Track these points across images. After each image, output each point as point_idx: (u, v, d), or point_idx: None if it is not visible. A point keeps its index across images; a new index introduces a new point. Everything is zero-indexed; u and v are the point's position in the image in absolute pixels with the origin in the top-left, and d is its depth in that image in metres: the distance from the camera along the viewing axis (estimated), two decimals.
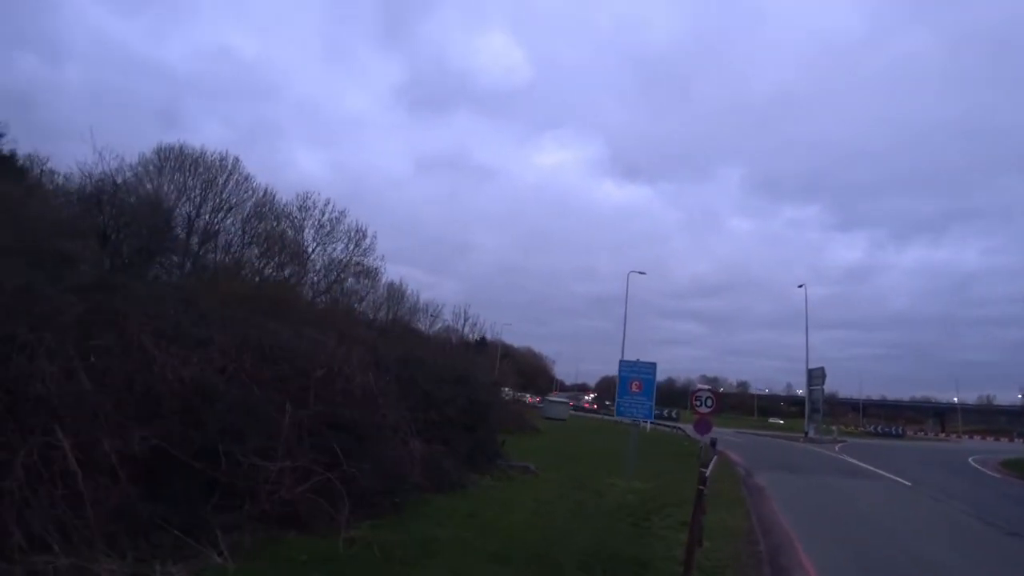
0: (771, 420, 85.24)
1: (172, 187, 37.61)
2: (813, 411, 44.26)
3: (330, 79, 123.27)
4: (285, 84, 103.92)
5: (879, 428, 67.79)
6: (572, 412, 52.15)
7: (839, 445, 39.86)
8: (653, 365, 12.29)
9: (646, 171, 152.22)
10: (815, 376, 44.54)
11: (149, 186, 34.27)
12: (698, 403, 18.86)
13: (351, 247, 40.83)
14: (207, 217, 38.35)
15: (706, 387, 20.37)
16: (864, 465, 21.53)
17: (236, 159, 37.34)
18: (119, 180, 28.15)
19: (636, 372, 12.12)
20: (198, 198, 37.83)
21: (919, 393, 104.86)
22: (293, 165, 77.85)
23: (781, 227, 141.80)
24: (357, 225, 40.59)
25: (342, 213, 40.24)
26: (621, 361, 12.56)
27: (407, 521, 6.50)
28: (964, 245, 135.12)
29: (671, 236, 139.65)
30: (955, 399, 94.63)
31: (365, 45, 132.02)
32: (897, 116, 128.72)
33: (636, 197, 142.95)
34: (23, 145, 26.37)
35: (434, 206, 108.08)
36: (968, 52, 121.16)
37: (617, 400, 12.45)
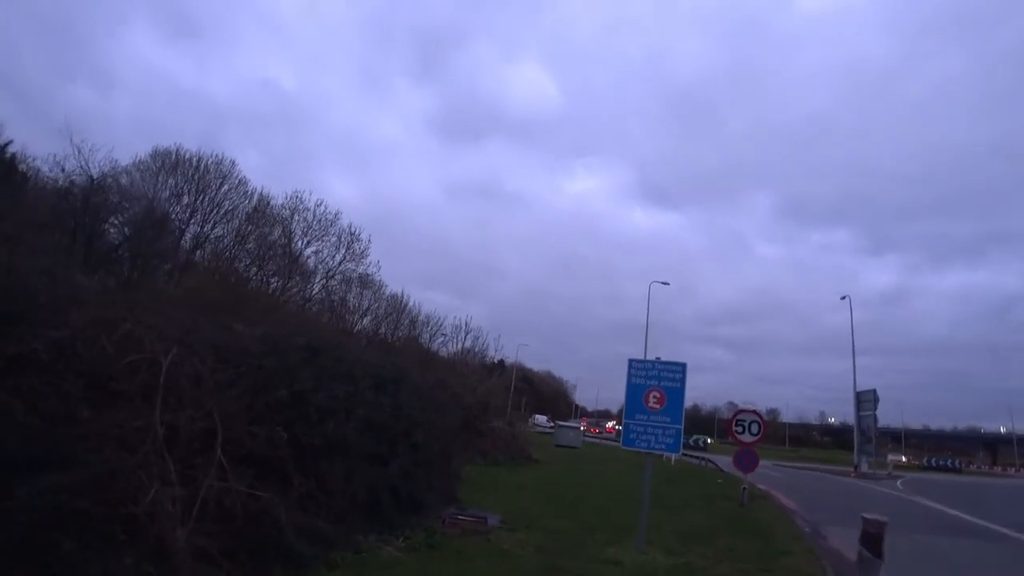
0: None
1: (165, 190, 34.95)
2: (864, 441, 38.68)
3: (365, 108, 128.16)
4: (322, 113, 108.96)
5: (934, 461, 61.15)
6: (590, 439, 47.27)
7: (899, 481, 34.46)
8: (682, 367, 7.85)
9: (674, 197, 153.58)
10: (864, 400, 39.01)
11: (145, 187, 32.33)
12: (739, 429, 14.32)
13: (343, 251, 37.38)
14: (199, 221, 35.57)
15: (750, 408, 15.60)
16: (955, 512, 16.55)
17: (232, 162, 34.77)
18: (95, 174, 25.74)
19: (654, 377, 7.70)
20: (190, 201, 35.15)
21: (960, 423, 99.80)
22: (327, 191, 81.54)
23: (811, 252, 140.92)
24: (350, 228, 37.19)
25: (336, 215, 36.88)
26: (631, 361, 8.13)
27: None
28: (1004, 268, 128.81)
29: (699, 261, 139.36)
30: (1002, 429, 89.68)
31: (400, 76, 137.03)
32: (932, 140, 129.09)
33: (664, 223, 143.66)
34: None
35: (464, 232, 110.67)
36: (1003, 73, 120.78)
37: (624, 421, 7.95)
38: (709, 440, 54.65)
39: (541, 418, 43.59)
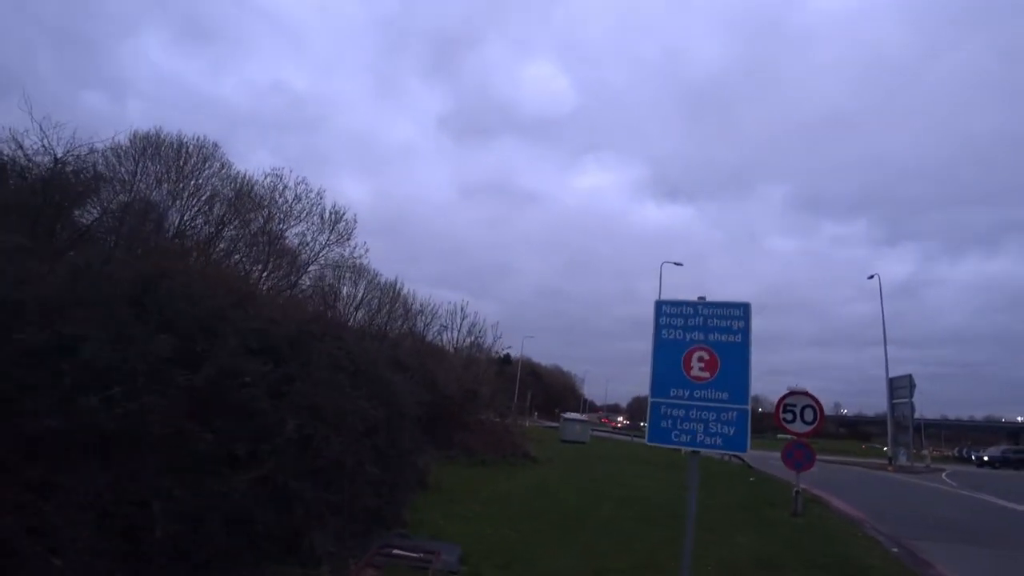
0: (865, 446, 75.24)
1: (142, 175, 32.28)
2: (899, 431, 35.31)
3: (378, 110, 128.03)
4: (334, 115, 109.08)
5: (965, 452, 57.57)
6: (597, 432, 44.16)
7: (944, 474, 31.17)
8: (743, 309, 4.68)
9: (687, 191, 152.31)
10: (899, 387, 35.59)
11: (123, 172, 30.16)
12: (788, 417, 11.17)
13: (327, 232, 34.39)
14: (179, 207, 32.84)
15: (801, 390, 12.35)
16: None
17: (215, 144, 32.16)
18: (59, 154, 23.08)
19: (698, 327, 4.50)
20: (171, 187, 32.50)
21: (978, 412, 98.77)
22: (340, 193, 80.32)
23: (826, 244, 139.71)
24: (334, 207, 34.23)
25: (318, 193, 33.90)
26: (659, 304, 4.93)
27: None
28: (1020, 258, 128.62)
29: (712, 255, 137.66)
30: (1018, 418, 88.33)
31: (413, 77, 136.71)
32: (950, 130, 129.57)
33: (677, 217, 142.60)
34: None
35: (477, 230, 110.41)
36: (1020, 66, 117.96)
37: (651, 401, 4.79)
38: None
39: (573, 415, 35.97)
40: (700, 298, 5.01)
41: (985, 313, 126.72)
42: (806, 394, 11.19)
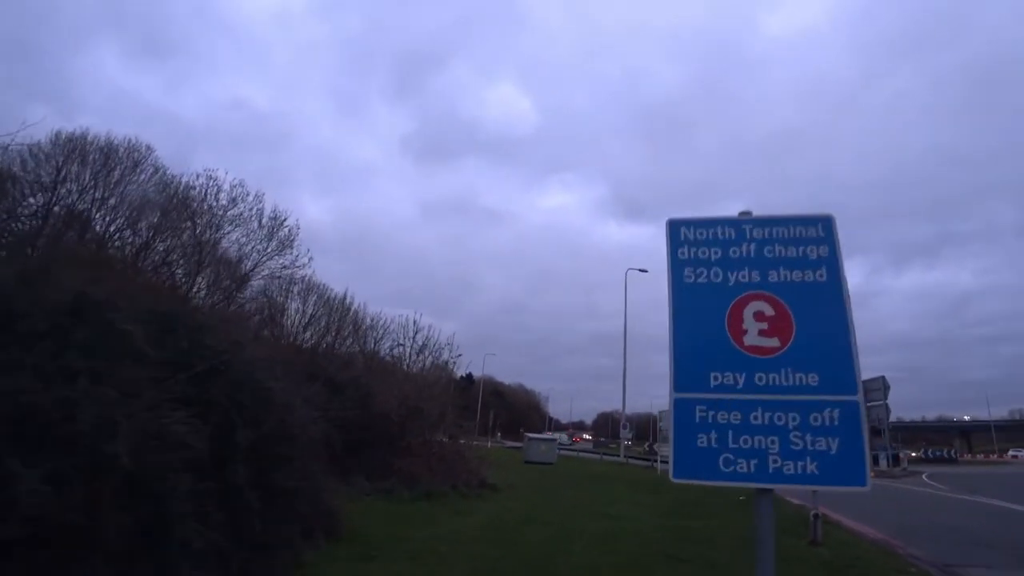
0: None
1: (69, 180, 28.78)
2: (875, 434, 34.25)
3: (341, 129, 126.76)
4: (296, 133, 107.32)
5: (931, 452, 57.82)
6: (566, 451, 41.92)
7: (924, 475, 30.14)
8: (825, 224, 2.63)
9: (649, 211, 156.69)
10: (872, 389, 34.52)
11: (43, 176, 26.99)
12: None
13: (265, 239, 31.39)
14: (106, 216, 29.41)
15: None
16: None
17: (148, 147, 29.03)
18: None
19: (753, 261, 2.50)
20: (96, 194, 29.12)
21: (929, 414, 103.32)
22: (302, 212, 77.72)
23: None
24: (274, 212, 31.35)
25: (256, 197, 30.98)
26: (673, 225, 2.86)
27: None
28: (959, 266, 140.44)
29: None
30: (966, 417, 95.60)
31: (377, 97, 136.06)
32: (891, 150, 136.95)
33: (638, 236, 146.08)
34: None
35: (440, 250, 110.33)
36: (954, 88, 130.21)
37: (673, 402, 2.67)
38: None
39: (537, 435, 30.99)
40: (744, 212, 2.84)
41: (928, 319, 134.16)
42: None
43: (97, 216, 28.19)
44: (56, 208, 28.18)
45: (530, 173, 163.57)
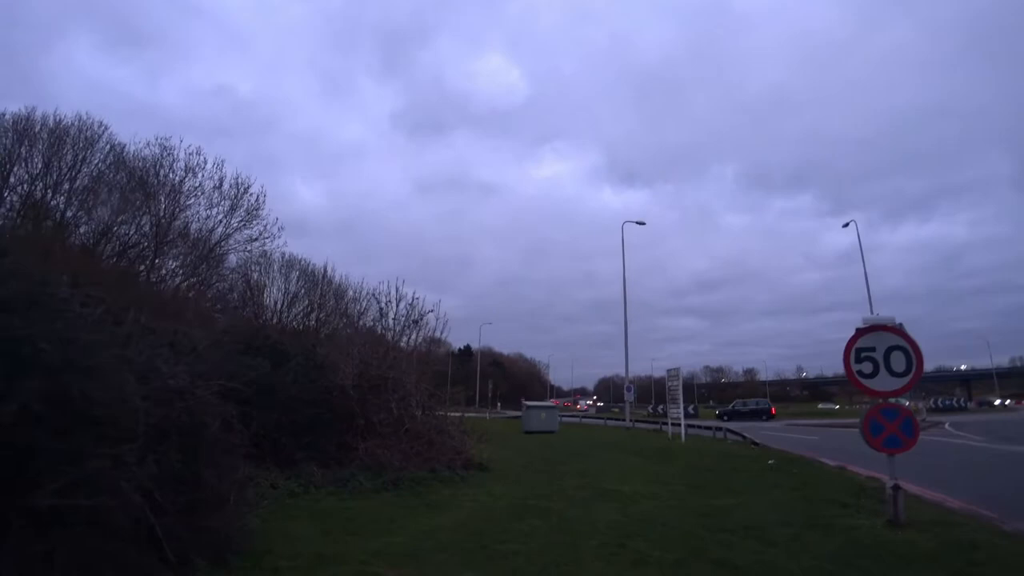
0: (821, 406, 75.35)
1: (15, 162, 26.19)
2: None
3: (328, 110, 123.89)
4: (283, 118, 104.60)
5: (940, 402, 56.65)
6: (568, 417, 40.17)
7: (947, 425, 28.53)
8: None
9: (643, 175, 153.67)
10: None
11: None
12: (865, 369, 6.96)
13: (227, 206, 28.89)
14: (62, 201, 26.91)
15: (883, 322, 7.96)
16: None
17: (103, 125, 26.38)
18: None
19: None
20: (48, 179, 26.58)
21: (928, 365, 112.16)
22: (293, 196, 77.01)
23: (775, 218, 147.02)
24: (237, 180, 28.78)
25: (216, 164, 28.39)
26: None
27: None
28: (952, 220, 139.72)
29: (669, 235, 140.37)
30: (963, 367, 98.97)
31: (363, 75, 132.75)
32: (883, 104, 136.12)
33: (634, 201, 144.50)
34: None
35: (436, 226, 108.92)
36: (947, 39, 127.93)
37: None
38: (696, 407, 48.71)
39: (536, 402, 28.73)
40: None
41: (921, 273, 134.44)
42: (895, 330, 7.01)
43: (45, 197, 25.81)
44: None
45: (523, 143, 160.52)
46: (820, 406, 76.99)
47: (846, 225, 37.89)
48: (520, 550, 5.26)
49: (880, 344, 6.91)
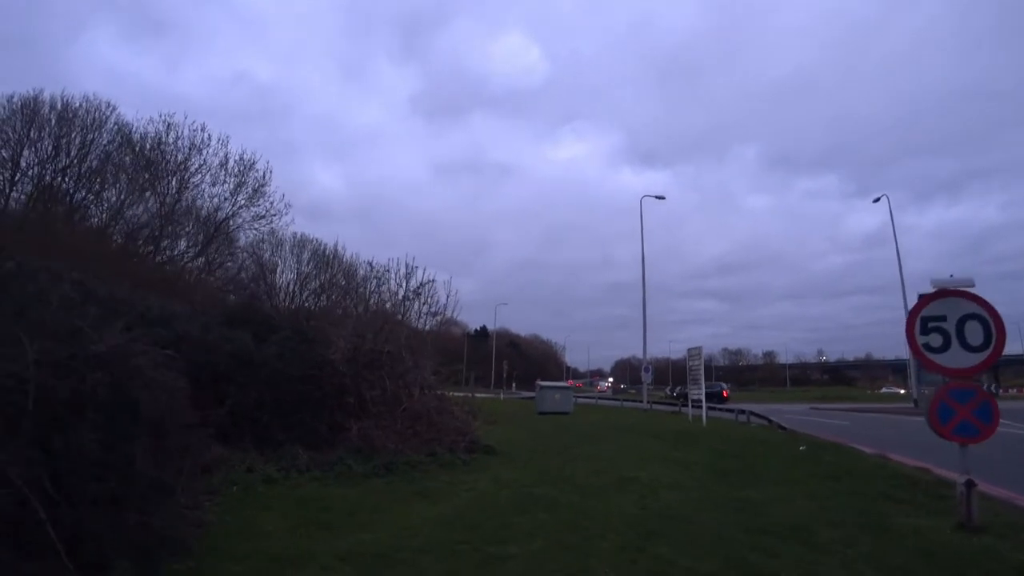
0: (884, 390, 74.59)
1: (25, 145, 25.88)
2: (920, 367, 31.09)
3: (346, 95, 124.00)
4: (301, 103, 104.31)
5: None
6: (584, 398, 39.32)
7: None
8: None
9: (663, 156, 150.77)
10: None
11: None
12: (934, 342, 5.79)
13: (233, 183, 28.25)
14: (71, 183, 26.56)
15: (959, 285, 7.01)
16: None
17: (111, 106, 25.83)
18: None
19: None
20: (59, 161, 26.24)
21: None
22: (312, 181, 76.41)
23: (798, 200, 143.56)
24: (242, 156, 28.01)
25: (220, 141, 27.64)
26: None
27: None
28: (983, 201, 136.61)
29: (689, 218, 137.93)
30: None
31: (381, 59, 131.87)
32: (912, 85, 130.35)
33: (654, 182, 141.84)
34: None
35: (453, 209, 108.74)
36: (977, 17, 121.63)
37: None
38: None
39: (551, 383, 26.94)
40: None
41: (949, 258, 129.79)
42: (968, 295, 5.91)
43: (63, 182, 25.40)
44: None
45: (542, 125, 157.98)
46: (883, 390, 76.41)
47: (877, 200, 36.26)
48: (518, 553, 4.36)
49: (952, 312, 5.81)
